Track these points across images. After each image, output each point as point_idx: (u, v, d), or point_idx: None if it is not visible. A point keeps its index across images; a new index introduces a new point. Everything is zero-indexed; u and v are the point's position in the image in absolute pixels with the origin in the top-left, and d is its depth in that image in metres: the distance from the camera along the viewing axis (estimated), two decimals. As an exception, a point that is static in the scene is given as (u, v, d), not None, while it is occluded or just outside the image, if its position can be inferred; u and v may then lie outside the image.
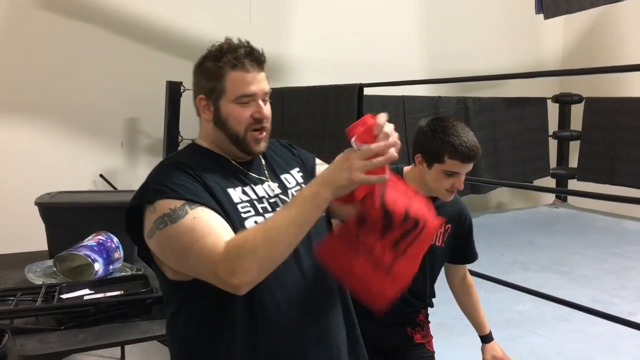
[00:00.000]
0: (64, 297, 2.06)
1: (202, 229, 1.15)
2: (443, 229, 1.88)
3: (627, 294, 4.09)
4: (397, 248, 1.16)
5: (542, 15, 4.54)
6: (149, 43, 5.16)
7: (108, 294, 2.10)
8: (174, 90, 4.67)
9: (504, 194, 7.69)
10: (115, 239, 2.45)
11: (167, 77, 4.67)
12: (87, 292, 2.14)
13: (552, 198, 7.63)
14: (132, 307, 2.02)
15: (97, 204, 2.85)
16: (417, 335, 1.92)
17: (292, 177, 1.41)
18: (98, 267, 2.34)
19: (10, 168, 4.62)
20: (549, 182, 7.23)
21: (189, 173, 1.24)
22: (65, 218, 2.74)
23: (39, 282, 2.28)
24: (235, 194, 1.27)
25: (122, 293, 2.13)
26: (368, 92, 4.13)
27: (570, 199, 7.46)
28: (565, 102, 7.20)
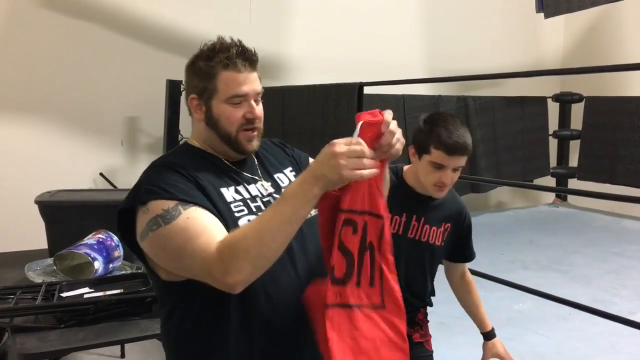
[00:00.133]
0: (64, 295, 2.07)
1: (195, 229, 1.14)
2: (443, 228, 1.88)
3: (626, 293, 4.09)
4: (372, 282, 1.16)
5: (542, 14, 4.54)
6: (150, 42, 5.16)
7: (108, 293, 2.11)
8: (174, 89, 4.66)
9: (504, 193, 7.69)
10: (115, 238, 2.45)
11: (167, 75, 4.66)
12: (87, 290, 2.14)
13: (552, 197, 7.63)
14: (132, 305, 2.02)
15: (97, 203, 2.85)
16: (415, 335, 1.91)
17: (285, 176, 1.41)
18: (98, 265, 2.35)
19: (11, 166, 4.62)
20: (549, 181, 7.22)
21: (182, 173, 1.23)
22: (65, 216, 2.74)
23: (39, 280, 2.29)
24: (229, 193, 1.26)
25: (122, 291, 2.13)
26: (368, 91, 4.12)
27: (570, 198, 7.46)
28: (566, 101, 7.19)
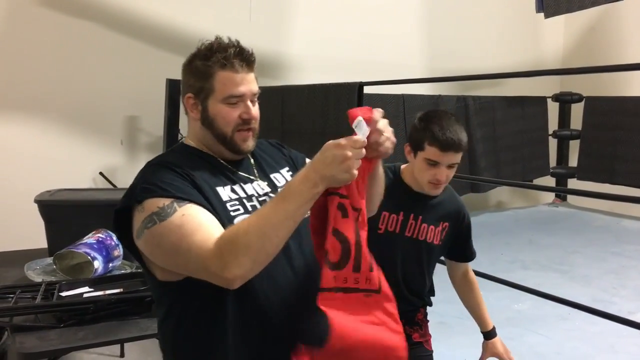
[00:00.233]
0: (64, 294, 2.07)
1: (191, 226, 1.14)
2: (441, 227, 1.87)
3: (626, 293, 4.09)
4: (372, 268, 1.18)
5: (542, 14, 4.53)
6: (149, 41, 5.16)
7: (108, 292, 2.11)
8: (174, 88, 4.65)
9: (504, 193, 7.69)
10: (115, 237, 2.45)
11: (167, 75, 4.65)
12: (86, 289, 2.14)
13: (551, 197, 7.63)
14: (131, 304, 2.02)
15: (96, 202, 2.85)
16: (415, 334, 1.91)
17: (281, 176, 1.41)
18: (98, 264, 2.34)
19: (10, 165, 4.62)
20: (549, 181, 7.22)
21: (178, 171, 1.23)
22: (65, 216, 2.74)
23: (39, 279, 2.29)
24: (224, 193, 1.26)
25: (121, 291, 2.13)
26: (368, 90, 4.12)
27: (570, 198, 7.46)
28: (566, 101, 7.19)
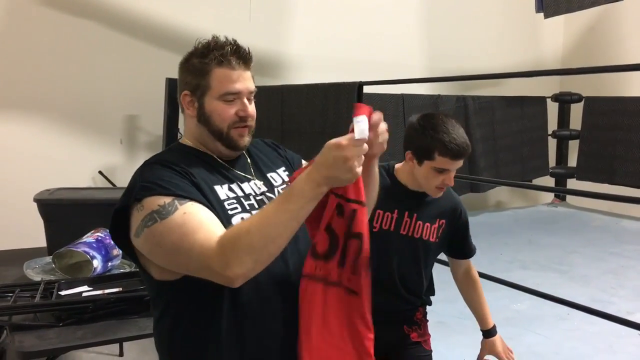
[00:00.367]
0: (63, 293, 2.07)
1: (193, 224, 1.13)
2: (437, 225, 1.87)
3: (625, 293, 4.09)
4: (355, 271, 1.18)
5: (542, 14, 4.54)
6: (149, 40, 5.16)
7: (107, 291, 2.11)
8: (174, 88, 4.60)
9: (503, 193, 7.69)
10: (114, 236, 2.45)
11: (166, 74, 4.65)
12: (85, 288, 2.15)
13: (551, 197, 7.63)
14: (130, 304, 2.02)
15: (96, 201, 2.85)
16: (413, 334, 1.91)
17: (278, 175, 1.41)
18: (97, 263, 2.35)
19: (10, 164, 4.62)
20: (548, 181, 7.22)
21: (176, 169, 1.22)
22: (64, 215, 2.75)
23: (38, 278, 2.29)
24: (222, 191, 1.26)
25: (120, 290, 2.14)
26: (368, 90, 4.11)
27: (569, 198, 7.46)
28: (565, 101, 7.18)
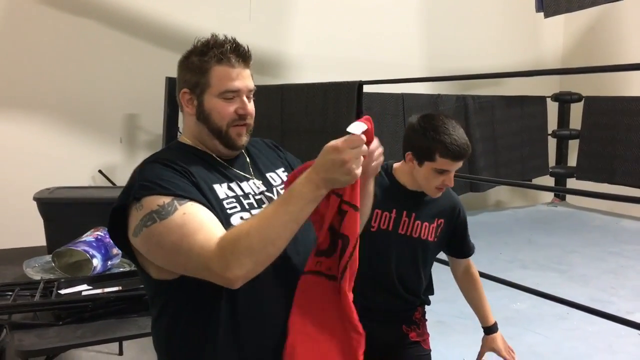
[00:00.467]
0: (62, 292, 2.07)
1: (192, 225, 1.13)
2: (435, 224, 1.87)
3: (624, 293, 4.09)
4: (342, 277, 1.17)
5: (542, 14, 4.53)
6: (149, 39, 5.16)
7: (106, 290, 2.11)
8: (173, 86, 4.59)
9: (503, 192, 7.69)
10: (114, 235, 2.45)
11: (166, 73, 4.65)
12: (85, 287, 2.15)
13: (550, 197, 7.63)
14: (130, 303, 2.02)
15: (95, 200, 2.85)
16: (412, 333, 1.91)
17: (277, 175, 1.41)
18: (96, 262, 2.35)
19: (9, 163, 4.61)
20: (548, 180, 7.22)
21: (175, 169, 1.22)
22: (64, 213, 2.75)
23: (37, 277, 2.29)
24: (221, 190, 1.26)
25: (120, 289, 2.13)
26: (368, 89, 4.11)
27: (569, 198, 7.47)
28: (565, 100, 7.19)
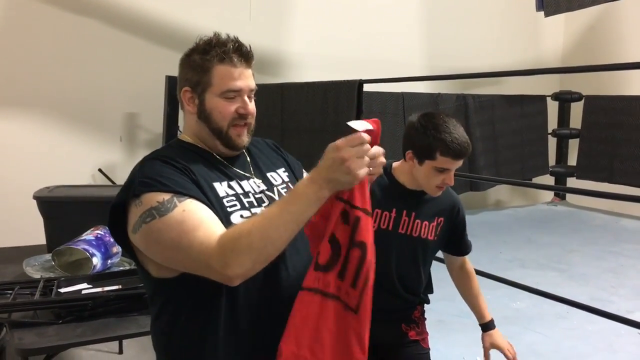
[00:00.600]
0: (62, 291, 2.07)
1: (192, 222, 1.13)
2: (435, 223, 1.87)
3: (624, 292, 4.10)
4: (355, 284, 1.13)
5: (542, 13, 4.53)
6: (149, 38, 5.15)
7: (106, 289, 2.11)
8: (174, 85, 4.57)
9: (503, 192, 7.69)
10: (114, 234, 2.45)
11: (166, 72, 4.65)
12: (85, 286, 2.15)
13: (550, 196, 7.64)
14: (130, 301, 2.02)
15: (95, 199, 2.85)
16: (411, 332, 1.90)
17: (278, 175, 1.41)
18: (96, 261, 2.35)
19: (9, 162, 4.62)
20: (548, 179, 7.23)
21: (176, 166, 1.22)
22: (64, 212, 2.75)
23: (37, 276, 2.29)
24: (221, 188, 1.26)
25: (120, 287, 2.13)
26: (368, 88, 4.11)
27: (569, 197, 7.47)
28: (565, 100, 7.19)
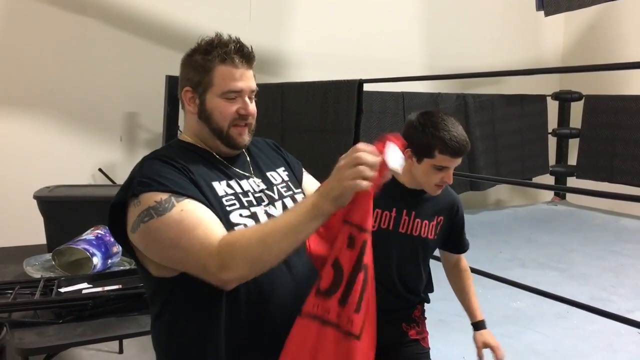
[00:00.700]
0: (63, 290, 2.07)
1: (190, 222, 1.13)
2: (435, 222, 1.87)
3: (624, 292, 4.10)
4: (358, 309, 1.12)
5: (542, 12, 4.53)
6: (149, 37, 5.15)
7: (106, 288, 2.11)
8: (174, 85, 4.60)
9: (503, 191, 7.69)
10: (114, 233, 2.45)
11: (166, 71, 4.64)
12: (85, 286, 2.15)
13: (550, 195, 7.63)
14: (130, 301, 2.02)
15: (95, 198, 2.85)
16: (412, 331, 1.91)
17: (278, 174, 1.41)
18: (96, 261, 2.35)
19: (9, 161, 4.61)
20: (548, 179, 7.23)
21: (174, 165, 1.23)
22: (64, 212, 2.75)
23: (38, 275, 2.29)
24: (220, 188, 1.26)
25: (120, 287, 2.14)
26: (368, 88, 4.11)
27: (569, 197, 7.46)
28: (565, 99, 7.19)
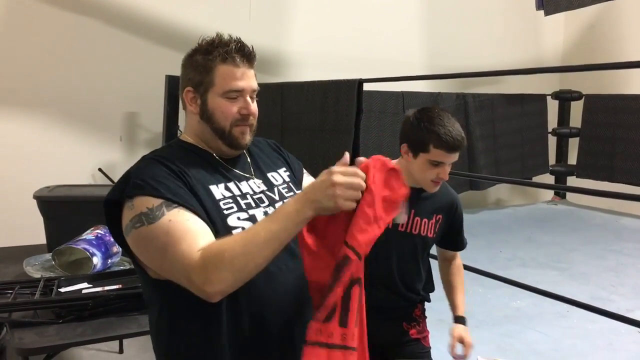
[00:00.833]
0: (63, 290, 2.07)
1: (177, 233, 1.13)
2: (434, 220, 1.87)
3: (624, 291, 4.10)
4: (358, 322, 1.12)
5: (542, 12, 4.53)
6: (149, 37, 5.15)
7: (106, 288, 2.11)
8: (173, 85, 4.65)
9: (503, 191, 7.69)
10: (114, 233, 2.45)
11: (166, 71, 4.64)
12: (85, 285, 2.15)
13: (550, 195, 7.63)
14: (130, 300, 2.02)
15: (95, 198, 2.85)
16: (412, 330, 1.91)
17: (279, 175, 1.41)
18: (96, 260, 2.35)
19: (9, 161, 4.61)
20: (548, 178, 7.23)
21: (172, 169, 1.22)
22: (64, 212, 2.75)
23: (38, 275, 2.29)
24: (218, 191, 1.26)
25: (120, 287, 2.14)
26: (368, 87, 4.10)
27: (569, 196, 7.46)
28: (565, 98, 7.19)
